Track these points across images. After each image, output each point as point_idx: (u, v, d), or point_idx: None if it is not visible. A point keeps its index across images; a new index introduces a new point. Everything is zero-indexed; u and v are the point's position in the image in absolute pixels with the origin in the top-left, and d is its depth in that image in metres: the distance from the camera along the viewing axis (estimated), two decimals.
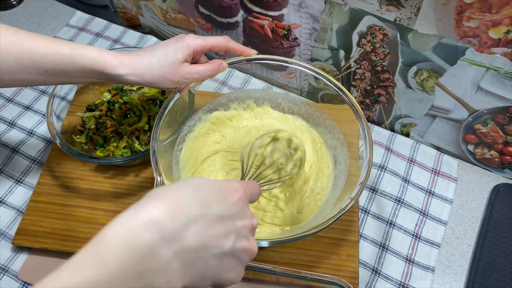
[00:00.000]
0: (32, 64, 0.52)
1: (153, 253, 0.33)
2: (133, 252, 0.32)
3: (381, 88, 0.77)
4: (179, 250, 0.34)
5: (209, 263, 0.37)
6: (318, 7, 0.69)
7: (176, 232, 0.34)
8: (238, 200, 0.41)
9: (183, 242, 0.35)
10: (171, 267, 0.34)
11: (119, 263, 0.31)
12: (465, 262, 0.68)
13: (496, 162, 0.76)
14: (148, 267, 0.33)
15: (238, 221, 0.40)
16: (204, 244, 0.36)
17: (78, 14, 0.95)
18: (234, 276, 0.40)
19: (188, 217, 0.35)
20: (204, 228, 0.36)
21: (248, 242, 0.41)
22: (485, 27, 0.58)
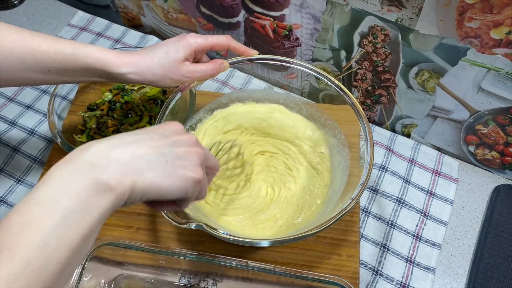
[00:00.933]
0: (35, 62, 0.52)
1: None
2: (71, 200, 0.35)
3: (382, 89, 0.77)
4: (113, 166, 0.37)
5: (152, 163, 0.39)
6: (320, 7, 0.69)
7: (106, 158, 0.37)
8: (167, 127, 0.45)
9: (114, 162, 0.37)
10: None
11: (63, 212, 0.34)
12: (466, 263, 0.68)
13: (497, 163, 0.75)
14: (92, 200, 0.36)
15: (172, 137, 0.43)
16: (136, 151, 0.39)
17: (80, 14, 0.96)
18: (191, 172, 0.42)
19: (121, 143, 0.39)
20: (135, 144, 0.40)
21: (189, 147, 0.43)
22: (487, 27, 0.58)
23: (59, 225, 0.33)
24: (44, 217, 0.33)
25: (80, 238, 0.34)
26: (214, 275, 0.61)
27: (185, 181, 0.41)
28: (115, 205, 0.37)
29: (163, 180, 0.40)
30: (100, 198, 0.36)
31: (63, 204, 0.34)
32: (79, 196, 0.35)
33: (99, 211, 0.36)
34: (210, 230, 0.53)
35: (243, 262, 0.57)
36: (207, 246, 0.65)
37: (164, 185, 0.40)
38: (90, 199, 0.35)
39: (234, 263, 0.58)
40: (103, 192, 0.36)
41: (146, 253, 0.60)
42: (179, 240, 0.66)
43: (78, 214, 0.34)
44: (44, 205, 0.34)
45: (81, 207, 0.35)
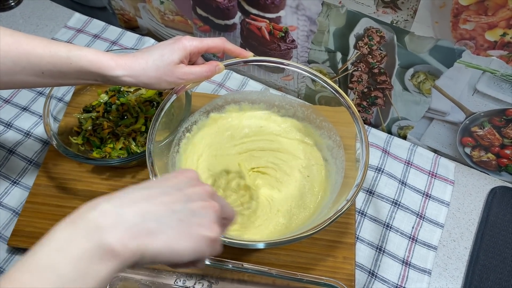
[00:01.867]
0: (30, 65, 0.52)
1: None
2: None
3: (378, 91, 0.77)
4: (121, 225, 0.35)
5: (164, 224, 0.37)
6: (315, 9, 0.70)
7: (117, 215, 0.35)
8: (182, 177, 0.42)
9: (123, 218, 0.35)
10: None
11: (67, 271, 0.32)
12: (462, 265, 0.68)
13: (493, 164, 0.75)
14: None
15: (186, 190, 0.40)
16: (147, 210, 0.36)
17: (76, 16, 0.96)
18: (207, 231, 0.39)
19: (128, 199, 0.37)
20: (147, 202, 0.37)
21: (204, 202, 0.40)
22: (482, 29, 0.58)
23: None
24: (35, 286, 0.30)
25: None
26: (209, 278, 0.61)
27: (201, 241, 0.38)
28: (118, 271, 0.34)
29: (177, 242, 0.37)
30: (101, 264, 0.33)
31: (59, 272, 0.31)
32: (79, 262, 0.32)
33: (98, 279, 0.33)
34: None
35: (238, 264, 0.57)
36: None
37: (179, 248, 0.37)
38: (90, 266, 0.32)
39: (230, 265, 0.57)
40: (106, 258, 0.33)
41: None
42: None
43: (76, 283, 0.32)
44: (38, 272, 0.31)
45: (79, 275, 0.32)
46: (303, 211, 0.65)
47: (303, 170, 0.69)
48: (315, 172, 0.69)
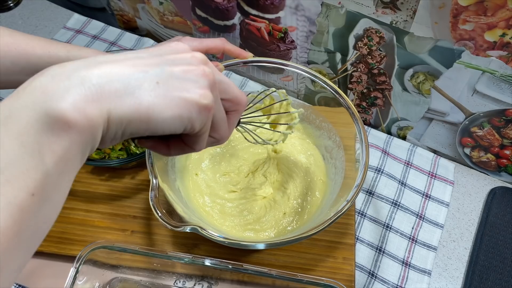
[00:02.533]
0: (29, 65, 0.52)
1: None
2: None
3: (377, 91, 0.77)
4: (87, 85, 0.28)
5: (133, 85, 0.30)
6: (315, 10, 0.70)
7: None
8: (170, 48, 0.35)
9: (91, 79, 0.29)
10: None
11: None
12: (462, 265, 0.68)
13: (492, 165, 0.76)
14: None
15: (168, 56, 0.33)
16: (111, 72, 0.30)
17: (75, 17, 0.95)
18: (193, 94, 0.32)
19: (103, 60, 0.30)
20: (114, 64, 0.30)
21: (190, 66, 0.33)
22: (481, 30, 0.58)
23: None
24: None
25: (31, 194, 0.26)
26: (209, 278, 0.61)
27: (186, 105, 0.32)
28: (82, 144, 0.28)
29: (153, 105, 0.30)
30: (53, 137, 0.27)
31: (5, 149, 0.25)
32: (24, 136, 0.26)
33: (53, 155, 0.27)
34: (205, 233, 0.53)
35: (238, 265, 0.57)
36: (202, 249, 0.65)
37: (155, 111, 0.30)
38: (38, 139, 0.26)
39: (229, 266, 0.57)
40: (57, 128, 0.27)
41: (140, 256, 0.59)
42: (174, 243, 0.66)
43: (24, 162, 0.26)
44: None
45: (26, 151, 0.26)
46: (303, 212, 0.65)
47: (303, 171, 0.69)
48: (315, 173, 0.69)
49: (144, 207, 0.68)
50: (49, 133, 0.27)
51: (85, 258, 0.58)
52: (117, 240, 0.66)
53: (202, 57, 0.35)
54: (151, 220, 0.67)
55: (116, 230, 0.66)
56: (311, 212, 0.65)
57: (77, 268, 0.57)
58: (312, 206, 0.66)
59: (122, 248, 0.58)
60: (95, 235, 0.66)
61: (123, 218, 0.67)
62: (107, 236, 0.66)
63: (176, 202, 0.57)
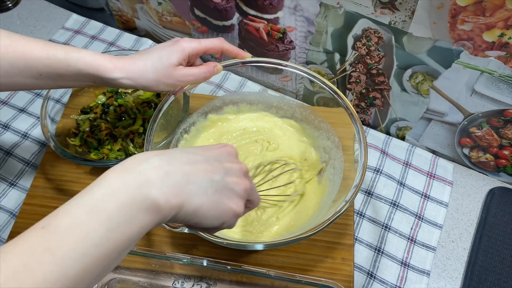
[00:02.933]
0: (27, 67, 0.52)
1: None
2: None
3: (376, 91, 0.77)
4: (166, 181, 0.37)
5: (203, 189, 0.39)
6: (313, 10, 0.69)
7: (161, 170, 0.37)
8: (223, 150, 0.45)
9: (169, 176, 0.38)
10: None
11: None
12: (461, 266, 0.68)
13: (491, 165, 0.75)
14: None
15: (225, 163, 0.43)
16: (191, 173, 0.39)
17: (74, 17, 0.95)
18: (234, 205, 0.42)
19: (174, 159, 0.39)
20: (191, 165, 0.40)
21: (238, 179, 0.43)
22: (479, 30, 0.58)
23: (102, 236, 0.33)
24: (90, 225, 0.33)
25: (118, 251, 0.34)
26: (207, 279, 0.61)
27: (226, 212, 0.41)
28: (157, 224, 0.37)
29: (208, 208, 0.40)
30: (146, 215, 0.35)
31: (110, 215, 0.34)
32: (127, 209, 0.34)
33: (141, 228, 0.35)
34: (203, 234, 0.53)
35: (237, 265, 0.57)
36: (201, 249, 0.65)
37: (208, 214, 0.40)
38: (136, 214, 0.35)
39: (228, 267, 0.57)
40: (150, 210, 0.36)
41: (139, 257, 0.59)
42: (172, 244, 0.65)
43: (121, 227, 0.34)
44: (91, 211, 0.33)
45: (125, 220, 0.34)
46: (302, 212, 0.65)
47: (301, 171, 0.69)
48: (314, 173, 0.69)
49: None
50: (144, 211, 0.35)
51: None
52: None
53: (246, 170, 0.45)
54: None
55: None
56: (310, 213, 0.65)
57: None
58: (311, 207, 0.66)
59: None
60: None
61: None
62: None
63: None
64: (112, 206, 0.34)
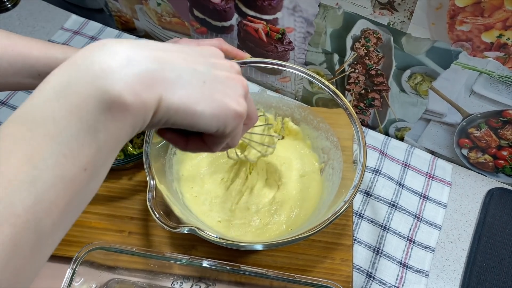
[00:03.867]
0: (26, 67, 0.52)
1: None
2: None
3: (375, 92, 0.77)
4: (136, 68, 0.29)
5: (185, 79, 0.31)
6: (312, 11, 0.70)
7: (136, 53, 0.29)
8: (205, 48, 0.36)
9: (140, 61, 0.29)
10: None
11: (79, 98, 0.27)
12: (459, 267, 0.68)
13: (490, 166, 0.76)
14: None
15: (210, 59, 0.35)
16: (165, 59, 0.31)
17: (73, 18, 0.95)
18: (232, 102, 0.34)
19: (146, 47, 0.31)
20: (165, 52, 0.31)
21: (231, 74, 0.35)
22: (478, 31, 0.58)
23: (55, 154, 0.26)
24: (34, 141, 0.26)
25: (83, 169, 0.27)
26: (206, 280, 0.61)
27: (225, 110, 0.33)
28: (133, 127, 0.29)
29: (197, 102, 0.31)
30: (109, 116, 0.27)
31: (61, 124, 0.26)
32: (82, 111, 0.27)
33: (109, 133, 0.28)
34: (202, 234, 0.53)
35: (236, 266, 0.57)
36: (200, 250, 0.65)
37: (198, 109, 0.31)
38: (96, 116, 0.27)
39: (227, 267, 0.57)
40: (114, 109, 0.27)
41: (138, 257, 0.59)
42: (171, 245, 0.65)
43: (79, 138, 0.27)
44: (35, 124, 0.26)
45: (82, 127, 0.27)
46: (300, 213, 0.65)
47: (300, 171, 0.69)
48: (313, 174, 0.69)
49: (142, 208, 0.68)
50: (106, 112, 0.27)
51: (82, 259, 0.58)
52: (114, 241, 0.65)
53: (239, 68, 0.37)
54: (149, 221, 0.67)
55: (113, 231, 0.66)
56: (309, 212, 0.65)
57: (73, 269, 0.57)
58: (310, 207, 0.66)
59: (119, 249, 0.58)
60: (92, 236, 0.66)
61: (120, 219, 0.67)
62: (104, 237, 0.66)
63: (174, 204, 0.56)
64: (61, 112, 0.26)
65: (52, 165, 0.26)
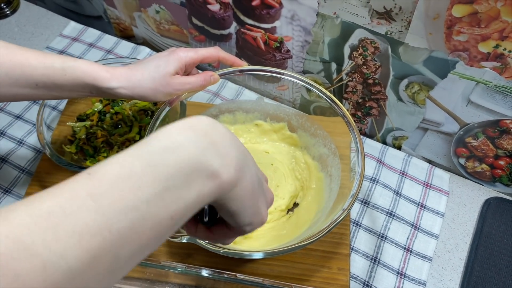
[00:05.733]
0: (23, 77, 0.51)
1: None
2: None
3: (372, 101, 0.77)
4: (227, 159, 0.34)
5: (252, 173, 0.37)
6: (310, 20, 0.70)
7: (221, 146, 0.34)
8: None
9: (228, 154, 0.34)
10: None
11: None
12: (457, 276, 0.68)
13: (487, 175, 0.76)
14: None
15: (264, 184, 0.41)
16: (246, 154, 0.37)
17: (72, 24, 0.96)
18: (264, 210, 0.40)
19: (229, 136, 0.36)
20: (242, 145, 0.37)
21: (267, 188, 0.42)
22: (475, 41, 0.58)
23: (158, 193, 0.29)
24: (146, 177, 0.29)
25: (170, 217, 0.30)
26: None
27: (258, 217, 0.39)
28: (214, 198, 0.33)
29: (249, 199, 0.37)
30: (206, 181, 0.32)
31: (169, 172, 0.30)
32: (188, 169, 0.31)
33: (199, 195, 0.31)
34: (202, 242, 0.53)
35: (232, 275, 0.57)
36: (197, 258, 0.64)
37: (248, 205, 0.37)
38: (197, 177, 0.31)
39: (224, 276, 0.57)
40: (211, 177, 0.32)
41: None
42: (168, 253, 0.65)
43: (179, 188, 0.30)
44: (149, 164, 0.29)
45: (185, 181, 0.30)
46: (298, 221, 0.65)
47: (299, 179, 0.69)
48: (311, 181, 0.69)
49: None
50: (205, 175, 0.32)
51: None
52: None
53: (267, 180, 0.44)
54: None
55: None
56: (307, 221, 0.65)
57: None
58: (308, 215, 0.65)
59: None
60: None
61: None
62: None
63: None
64: (172, 162, 0.30)
65: (150, 200, 0.29)
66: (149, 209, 0.29)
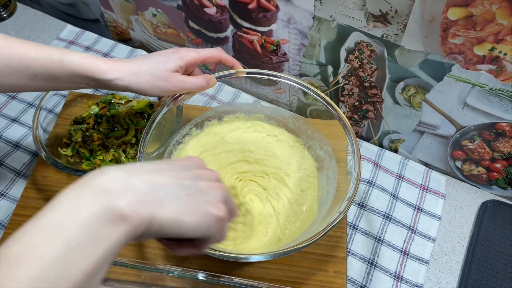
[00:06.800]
0: (22, 67, 0.52)
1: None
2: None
3: (369, 104, 0.77)
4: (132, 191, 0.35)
5: (173, 195, 0.37)
6: (306, 23, 0.70)
7: (127, 183, 0.35)
8: (189, 161, 0.44)
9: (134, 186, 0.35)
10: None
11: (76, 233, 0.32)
12: (454, 279, 0.67)
13: (483, 178, 0.76)
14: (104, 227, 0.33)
15: (195, 171, 0.42)
16: (156, 180, 0.37)
17: (69, 28, 0.96)
18: (214, 209, 0.40)
19: (140, 170, 0.37)
20: (156, 173, 0.38)
21: (212, 183, 0.42)
22: (470, 44, 0.59)
23: (61, 257, 0.30)
24: (45, 246, 0.30)
25: (85, 273, 0.31)
26: None
27: (208, 217, 0.39)
28: (128, 238, 0.33)
29: (184, 214, 0.37)
30: (112, 228, 0.32)
31: (69, 232, 0.31)
32: (88, 224, 0.31)
33: (110, 243, 0.32)
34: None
35: (228, 278, 0.56)
36: (192, 262, 0.64)
37: (185, 220, 0.37)
38: (100, 228, 0.32)
39: (220, 280, 0.57)
40: (116, 222, 0.32)
41: (129, 269, 0.58)
42: (164, 256, 0.65)
43: (84, 245, 0.31)
44: (46, 232, 0.30)
45: (89, 237, 0.31)
46: (294, 224, 0.65)
47: (294, 182, 0.69)
48: (307, 184, 0.69)
49: None
50: (109, 224, 0.32)
51: None
52: None
53: (218, 175, 0.44)
54: None
55: None
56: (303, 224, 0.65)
57: None
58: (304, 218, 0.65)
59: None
60: None
61: None
62: None
63: None
64: (71, 224, 0.31)
65: (59, 267, 0.29)
66: (56, 274, 0.29)
